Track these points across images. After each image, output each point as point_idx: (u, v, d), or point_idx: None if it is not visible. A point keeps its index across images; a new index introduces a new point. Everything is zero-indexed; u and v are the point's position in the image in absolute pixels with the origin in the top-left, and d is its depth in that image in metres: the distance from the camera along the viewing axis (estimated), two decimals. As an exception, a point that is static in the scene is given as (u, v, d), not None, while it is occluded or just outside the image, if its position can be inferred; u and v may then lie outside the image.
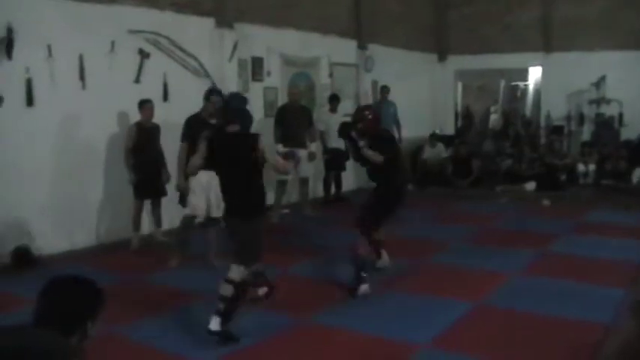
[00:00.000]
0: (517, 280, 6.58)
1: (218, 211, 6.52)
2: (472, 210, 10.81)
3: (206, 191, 6.83)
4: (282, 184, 9.84)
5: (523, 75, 17.44)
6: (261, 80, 10.52)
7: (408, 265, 7.12)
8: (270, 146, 9.47)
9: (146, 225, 8.35)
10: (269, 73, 10.66)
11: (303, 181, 10.25)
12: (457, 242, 8.23)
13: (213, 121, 6.67)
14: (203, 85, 9.27)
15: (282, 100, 10.58)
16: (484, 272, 6.87)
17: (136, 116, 8.02)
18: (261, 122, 10.35)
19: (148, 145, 8.00)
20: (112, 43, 8.12)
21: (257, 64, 10.41)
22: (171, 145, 8.69)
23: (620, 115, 14.23)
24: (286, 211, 10.08)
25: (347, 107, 12.04)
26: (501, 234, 8.87)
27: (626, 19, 14.47)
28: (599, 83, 14.43)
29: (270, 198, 10.18)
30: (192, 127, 6.85)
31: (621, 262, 7.20)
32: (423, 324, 5.26)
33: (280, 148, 9.62)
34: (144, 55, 8.57)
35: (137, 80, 8.53)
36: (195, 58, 9.24)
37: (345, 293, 6.08)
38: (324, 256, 7.54)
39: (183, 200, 7.12)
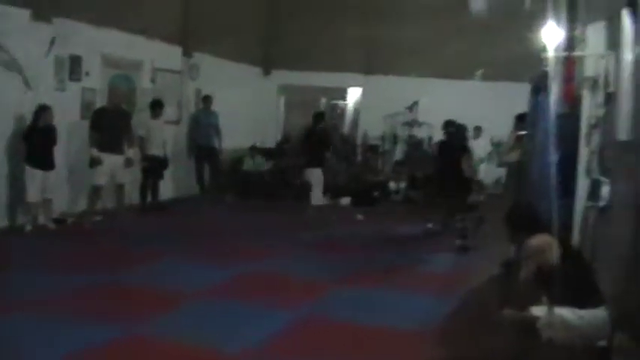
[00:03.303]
0: (338, 289, 6.75)
1: None
2: (293, 221, 10.98)
3: None
4: (96, 190, 9.41)
5: (343, 94, 18.08)
6: (79, 80, 9.98)
7: (233, 274, 7.09)
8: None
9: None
10: (87, 74, 10.14)
11: (119, 188, 9.87)
12: (280, 252, 8.32)
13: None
14: (14, 80, 8.69)
15: (100, 102, 10.11)
16: (307, 282, 7.01)
17: None
18: (77, 125, 9.83)
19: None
20: None
21: (75, 62, 9.87)
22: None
23: (430, 138, 15.20)
24: (99, 217, 9.62)
25: (169, 114, 11.83)
26: (322, 245, 9.07)
27: (439, 48, 15.57)
28: (413, 107, 15.35)
29: (84, 203, 9.77)
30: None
31: (431, 271, 7.74)
32: (241, 333, 5.22)
33: (95, 152, 9.22)
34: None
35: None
36: (6, 51, 8.59)
37: (165, 301, 5.92)
38: (141, 264, 7.29)
39: None
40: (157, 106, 10.89)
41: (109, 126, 9.38)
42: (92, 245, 8.19)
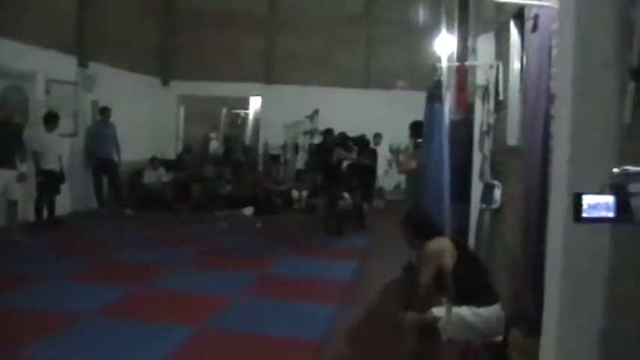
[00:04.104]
0: (238, 302, 6.73)
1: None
2: (193, 234, 10.88)
3: None
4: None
5: (244, 103, 18.10)
6: (-35, 92, 9.52)
7: (130, 291, 6.91)
8: None
9: None
10: (-26, 85, 9.68)
11: (12, 204, 9.45)
12: (179, 266, 8.20)
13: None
14: None
15: (-11, 115, 9.66)
16: (206, 295, 6.93)
17: None
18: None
19: None
20: None
21: (-39, 73, 9.43)
22: None
23: (332, 146, 15.42)
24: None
25: (65, 127, 11.44)
26: (222, 257, 9.02)
27: (338, 58, 15.91)
28: (313, 116, 15.53)
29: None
30: None
31: (332, 281, 7.82)
32: (144, 351, 5.13)
33: (-16, 167, 8.82)
34: None
35: None
36: None
37: (61, 324, 5.72)
38: (35, 285, 6.98)
39: None
40: (51, 119, 10.49)
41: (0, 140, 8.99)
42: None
